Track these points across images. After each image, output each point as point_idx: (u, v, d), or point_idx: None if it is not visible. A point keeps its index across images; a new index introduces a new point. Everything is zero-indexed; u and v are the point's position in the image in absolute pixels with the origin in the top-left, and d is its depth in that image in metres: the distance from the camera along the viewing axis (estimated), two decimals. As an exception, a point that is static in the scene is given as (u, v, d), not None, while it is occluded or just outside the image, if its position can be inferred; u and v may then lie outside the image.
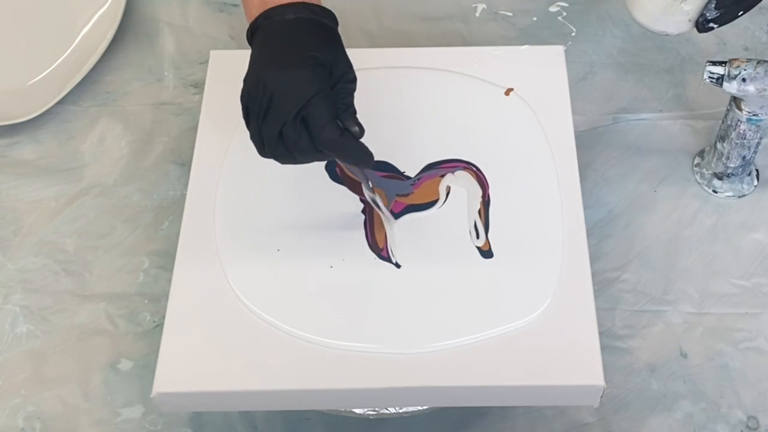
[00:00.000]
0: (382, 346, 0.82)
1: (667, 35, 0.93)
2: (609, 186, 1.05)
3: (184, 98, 1.14)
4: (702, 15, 0.90)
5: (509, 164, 0.92)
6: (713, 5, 0.89)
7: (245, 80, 0.80)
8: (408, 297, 0.85)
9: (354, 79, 0.82)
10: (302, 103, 0.77)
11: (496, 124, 0.95)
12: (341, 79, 0.80)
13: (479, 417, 0.92)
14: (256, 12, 0.83)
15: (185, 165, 1.05)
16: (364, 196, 0.90)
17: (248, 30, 0.83)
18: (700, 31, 0.91)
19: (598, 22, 1.19)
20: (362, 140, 0.80)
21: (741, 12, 0.89)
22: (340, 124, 0.79)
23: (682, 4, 0.89)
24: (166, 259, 1.00)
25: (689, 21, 0.91)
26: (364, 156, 0.80)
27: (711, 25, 0.90)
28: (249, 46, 0.83)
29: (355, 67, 0.82)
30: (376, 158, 0.92)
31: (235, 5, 1.21)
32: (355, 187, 0.91)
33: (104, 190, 1.07)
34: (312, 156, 0.80)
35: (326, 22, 0.82)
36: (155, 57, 1.18)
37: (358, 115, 0.81)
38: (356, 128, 0.79)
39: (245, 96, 0.80)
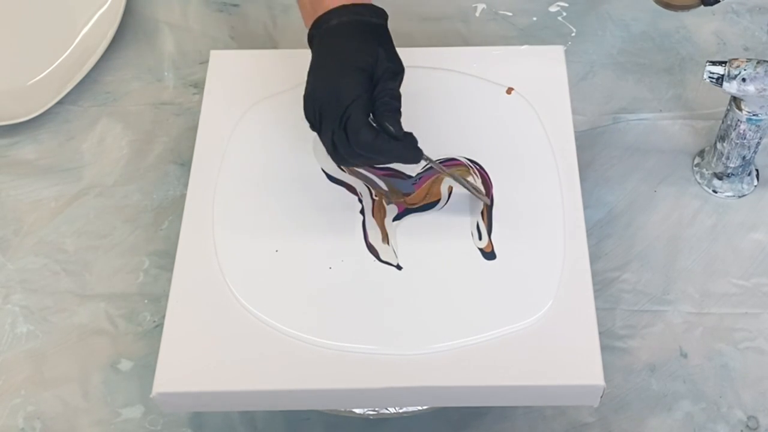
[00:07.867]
0: (383, 346, 0.82)
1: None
2: (609, 186, 1.05)
3: (184, 98, 1.14)
4: None
5: (510, 164, 0.92)
6: None
7: (303, 96, 0.82)
8: (409, 298, 0.85)
9: (396, 74, 0.82)
10: (342, 111, 0.78)
11: (497, 123, 0.95)
12: (382, 78, 0.81)
13: (479, 417, 0.92)
14: (308, 22, 0.84)
15: (185, 165, 1.05)
16: (360, 196, 0.90)
17: (308, 38, 0.85)
18: (705, 5, 0.93)
19: (598, 22, 1.19)
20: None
21: None
22: (376, 127, 0.80)
23: None
24: (166, 259, 1.00)
25: None
26: (405, 154, 0.81)
27: None
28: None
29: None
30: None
31: (235, 5, 1.21)
32: (353, 188, 0.91)
33: (104, 190, 1.07)
34: (360, 159, 0.81)
35: (371, 20, 0.83)
36: (155, 57, 1.18)
37: None
38: (391, 128, 0.79)
39: (304, 111, 0.81)
